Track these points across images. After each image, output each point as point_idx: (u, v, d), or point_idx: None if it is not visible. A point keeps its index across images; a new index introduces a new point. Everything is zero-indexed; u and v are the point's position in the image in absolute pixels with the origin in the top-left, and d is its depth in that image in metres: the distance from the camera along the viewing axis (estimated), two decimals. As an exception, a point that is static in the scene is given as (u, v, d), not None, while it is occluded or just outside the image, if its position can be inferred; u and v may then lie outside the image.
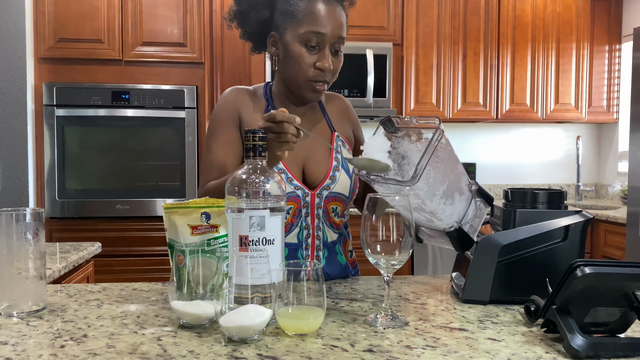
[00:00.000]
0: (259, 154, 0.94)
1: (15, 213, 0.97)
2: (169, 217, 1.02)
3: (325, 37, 1.20)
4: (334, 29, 1.20)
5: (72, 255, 1.76)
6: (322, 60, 1.21)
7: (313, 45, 1.20)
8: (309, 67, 1.21)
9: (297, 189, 1.25)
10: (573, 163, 4.12)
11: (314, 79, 1.22)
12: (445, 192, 1.03)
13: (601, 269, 0.79)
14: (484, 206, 1.12)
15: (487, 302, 1.07)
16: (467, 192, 1.09)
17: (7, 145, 3.00)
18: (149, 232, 3.11)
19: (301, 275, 0.87)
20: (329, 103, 1.41)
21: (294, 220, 1.26)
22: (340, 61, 1.25)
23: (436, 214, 1.05)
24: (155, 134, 3.12)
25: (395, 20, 3.51)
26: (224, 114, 1.30)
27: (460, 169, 1.09)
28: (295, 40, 1.21)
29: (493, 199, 1.14)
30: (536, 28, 3.66)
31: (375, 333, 0.90)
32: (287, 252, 1.25)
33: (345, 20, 1.25)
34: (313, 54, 1.21)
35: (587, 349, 0.79)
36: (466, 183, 1.10)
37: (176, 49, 3.17)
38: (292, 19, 1.21)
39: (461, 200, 1.08)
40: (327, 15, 1.19)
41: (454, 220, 1.07)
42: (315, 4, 1.19)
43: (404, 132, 1.06)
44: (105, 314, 0.99)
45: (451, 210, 1.06)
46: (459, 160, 1.10)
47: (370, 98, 3.33)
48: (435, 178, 1.00)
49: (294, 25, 1.20)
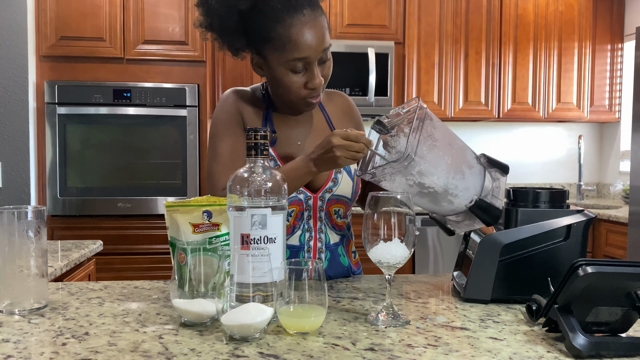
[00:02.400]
0: (260, 152, 0.94)
1: (17, 211, 0.97)
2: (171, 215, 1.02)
3: (311, 58, 1.13)
4: (317, 46, 1.13)
5: (73, 253, 1.76)
6: (312, 81, 1.16)
7: (300, 70, 1.15)
8: (300, 89, 1.17)
9: (299, 192, 1.24)
10: (575, 162, 4.12)
11: (307, 97, 1.19)
12: (451, 166, 1.02)
13: (603, 269, 0.79)
14: (500, 175, 1.09)
15: (488, 301, 1.07)
16: (476, 165, 1.08)
17: (8, 143, 3.00)
18: (151, 230, 3.11)
19: (302, 274, 0.87)
20: (329, 102, 1.37)
21: (296, 223, 1.25)
22: (329, 67, 1.20)
23: (449, 190, 1.03)
24: (156, 132, 3.12)
25: (397, 19, 3.50)
26: (227, 115, 1.27)
27: (460, 143, 1.07)
28: (280, 67, 1.15)
29: (508, 167, 1.10)
30: (538, 27, 3.66)
31: (377, 332, 0.90)
32: (289, 254, 1.24)
33: (326, 24, 1.16)
34: (301, 75, 1.15)
35: (589, 349, 0.79)
36: (473, 156, 1.08)
37: (178, 47, 3.17)
38: (272, 45, 1.13)
39: (472, 174, 1.06)
40: (308, 35, 1.11)
41: (472, 194, 1.05)
42: (293, 28, 1.11)
43: (397, 129, 1.06)
44: (107, 312, 1.00)
45: (464, 184, 1.04)
46: (456, 135, 1.09)
47: (372, 97, 3.33)
48: (432, 153, 1.00)
49: (276, 53, 1.14)
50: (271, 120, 1.28)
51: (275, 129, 1.28)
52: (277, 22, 1.11)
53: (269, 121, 1.28)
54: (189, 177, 3.14)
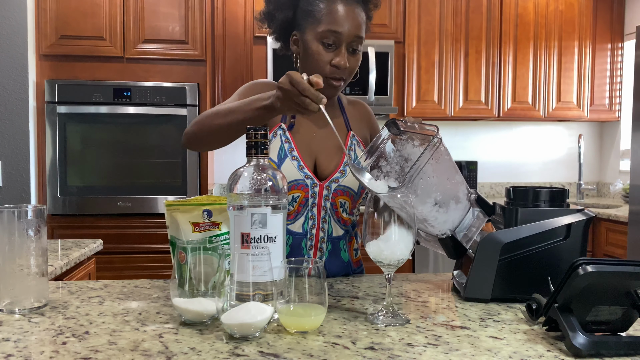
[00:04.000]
0: (260, 151, 0.94)
1: (17, 210, 0.97)
2: (171, 214, 1.02)
3: (342, 36, 1.23)
4: (351, 28, 1.23)
5: (73, 252, 1.76)
6: (338, 58, 1.24)
7: (330, 44, 1.23)
8: (326, 64, 1.25)
9: (306, 177, 1.27)
10: (575, 161, 4.12)
11: (330, 75, 1.25)
12: (439, 200, 1.04)
13: (603, 268, 0.79)
14: (482, 216, 1.13)
15: (488, 300, 1.07)
16: (464, 200, 1.10)
17: (8, 142, 3.00)
18: (151, 229, 3.11)
19: (303, 273, 0.87)
20: (350, 107, 1.43)
21: (300, 209, 1.27)
22: (357, 60, 1.28)
23: (428, 220, 1.05)
24: (156, 131, 3.12)
25: (397, 18, 3.50)
26: (248, 90, 1.32)
27: (458, 178, 1.09)
28: (314, 39, 1.25)
29: (494, 209, 1.14)
30: (538, 26, 3.65)
31: (377, 331, 0.90)
32: (291, 241, 1.27)
33: (365, 21, 1.27)
34: (330, 51, 1.24)
35: (589, 348, 0.79)
36: (465, 192, 1.10)
37: (178, 46, 3.17)
38: (312, 18, 1.25)
39: (457, 209, 1.08)
40: (345, 15, 1.22)
41: (447, 228, 1.09)
42: (334, 4, 1.23)
43: (408, 136, 1.07)
44: (107, 310, 1.00)
45: (444, 217, 1.06)
46: (458, 170, 1.10)
47: (372, 96, 3.33)
48: (428, 186, 1.00)
49: (314, 25, 1.24)
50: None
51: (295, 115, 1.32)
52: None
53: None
54: (189, 176, 3.14)
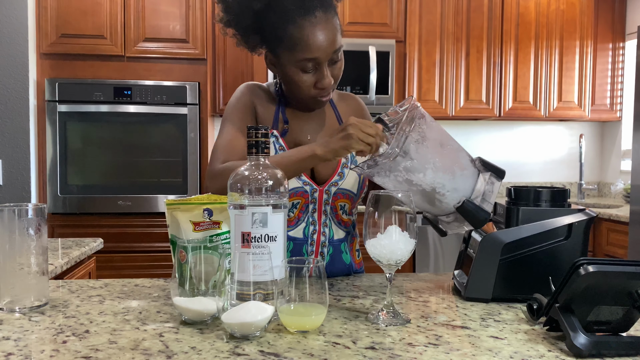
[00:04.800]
0: (261, 150, 0.94)
1: (18, 209, 0.97)
2: (171, 213, 1.02)
3: (321, 59, 1.16)
4: (327, 48, 1.15)
5: (74, 251, 1.76)
6: (322, 81, 1.18)
7: (310, 69, 1.18)
8: (310, 88, 1.20)
9: (305, 184, 1.26)
10: (576, 161, 4.11)
11: (317, 96, 1.22)
12: (439, 165, 1.03)
13: (604, 268, 0.79)
14: (495, 180, 1.09)
15: (489, 300, 1.07)
16: (470, 167, 1.08)
17: (9, 141, 3.00)
18: (151, 228, 3.11)
19: (303, 272, 0.87)
20: (341, 102, 1.41)
21: (300, 215, 1.26)
22: (340, 67, 1.23)
23: (436, 189, 1.04)
24: (157, 130, 3.12)
25: (398, 17, 3.50)
26: (240, 102, 1.31)
27: (453, 145, 1.08)
28: (291, 66, 1.18)
29: (504, 172, 1.10)
30: (539, 25, 3.65)
31: (377, 330, 0.89)
32: (292, 247, 1.26)
33: (338, 25, 1.19)
34: (311, 75, 1.18)
35: (590, 348, 0.79)
36: (467, 159, 1.08)
37: (178, 45, 3.17)
38: (284, 45, 1.16)
39: (463, 176, 1.06)
40: (319, 37, 1.14)
41: (461, 195, 1.06)
42: (304, 29, 1.13)
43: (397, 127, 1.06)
44: (107, 309, 1.00)
45: (452, 184, 1.04)
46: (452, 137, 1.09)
47: (373, 95, 3.32)
48: (420, 151, 1.01)
49: (287, 51, 1.16)
50: (284, 112, 1.31)
51: (288, 120, 1.31)
52: (289, 22, 1.14)
53: (282, 112, 1.31)
54: (190, 175, 3.14)
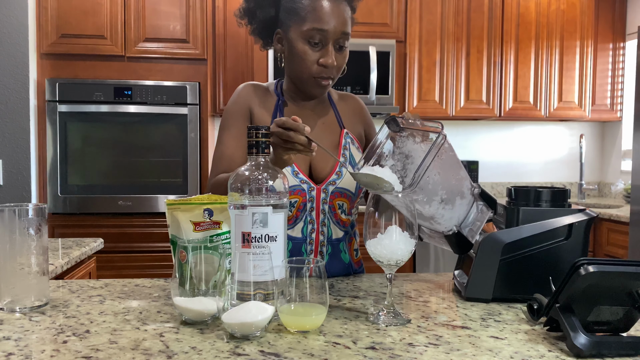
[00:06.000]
0: (261, 150, 0.94)
1: (18, 209, 0.97)
2: (172, 213, 1.02)
3: (328, 34, 1.20)
4: (337, 25, 1.20)
5: (74, 251, 1.76)
6: (326, 57, 1.22)
7: (316, 42, 1.21)
8: (313, 64, 1.22)
9: (302, 182, 1.26)
10: (576, 161, 4.11)
11: (318, 75, 1.24)
12: (444, 197, 1.03)
13: (605, 268, 0.79)
14: (486, 210, 1.12)
15: (489, 300, 1.07)
16: (468, 195, 1.09)
17: (9, 141, 3.00)
18: (151, 228, 3.11)
19: (303, 272, 0.87)
20: (341, 101, 1.42)
21: (298, 214, 1.26)
22: (345, 57, 1.26)
23: (435, 218, 1.05)
24: (157, 130, 3.12)
25: (399, 17, 3.50)
26: (236, 107, 1.32)
27: (462, 174, 1.09)
28: (299, 38, 1.22)
29: (496, 202, 1.13)
30: (540, 25, 3.65)
31: (378, 330, 0.89)
32: (291, 246, 1.26)
33: (350, 15, 1.25)
34: (316, 50, 1.22)
35: (590, 348, 0.79)
36: (468, 187, 1.10)
37: (179, 45, 3.17)
38: (296, 16, 1.22)
39: (462, 205, 1.08)
40: (330, 11, 1.20)
41: (453, 224, 1.08)
42: (318, 1, 1.20)
43: (409, 132, 1.06)
44: (108, 309, 1.00)
45: (450, 214, 1.06)
46: (461, 165, 1.10)
47: (373, 95, 3.32)
48: (433, 185, 1.00)
49: (298, 23, 1.21)
50: (282, 111, 1.32)
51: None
52: None
53: (280, 112, 1.32)
54: (190, 175, 3.14)
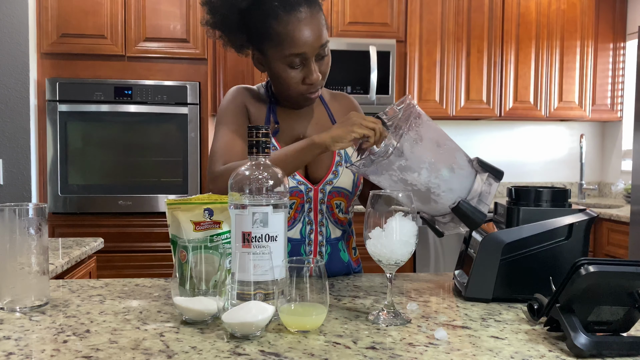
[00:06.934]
0: (262, 150, 0.93)
1: (18, 208, 0.97)
2: (172, 213, 1.02)
3: (307, 54, 1.16)
4: (314, 42, 1.15)
5: (74, 251, 1.76)
6: (310, 76, 1.19)
7: (297, 64, 1.18)
8: (298, 84, 1.20)
9: (299, 183, 1.26)
10: (576, 161, 4.11)
11: (305, 92, 1.22)
12: (434, 165, 1.02)
13: (605, 268, 0.79)
14: (493, 180, 1.08)
15: (490, 300, 1.07)
16: (467, 167, 1.07)
17: (9, 140, 3.00)
18: (152, 228, 3.11)
19: (304, 272, 0.87)
20: (333, 101, 1.41)
21: (296, 215, 1.26)
22: (327, 63, 1.23)
23: (431, 189, 1.03)
24: (157, 130, 3.12)
25: (399, 17, 3.50)
26: (232, 104, 1.32)
27: (450, 144, 1.07)
28: (278, 62, 1.18)
29: (502, 173, 1.10)
30: (540, 25, 3.65)
31: (378, 330, 0.89)
32: (290, 248, 1.26)
33: (324, 21, 1.19)
34: (299, 71, 1.18)
35: (591, 348, 0.79)
36: (464, 159, 1.07)
37: (179, 44, 3.17)
38: (271, 42, 1.17)
39: (459, 176, 1.06)
40: (305, 32, 1.14)
41: (457, 196, 1.05)
42: (290, 25, 1.14)
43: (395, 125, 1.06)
44: (108, 309, 1.00)
45: (447, 185, 1.04)
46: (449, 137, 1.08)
47: (373, 95, 3.32)
48: (415, 151, 1.00)
49: (274, 48, 1.17)
50: (274, 112, 1.32)
51: (279, 121, 1.31)
52: (275, 19, 1.15)
53: (273, 113, 1.31)
54: (190, 174, 3.14)
